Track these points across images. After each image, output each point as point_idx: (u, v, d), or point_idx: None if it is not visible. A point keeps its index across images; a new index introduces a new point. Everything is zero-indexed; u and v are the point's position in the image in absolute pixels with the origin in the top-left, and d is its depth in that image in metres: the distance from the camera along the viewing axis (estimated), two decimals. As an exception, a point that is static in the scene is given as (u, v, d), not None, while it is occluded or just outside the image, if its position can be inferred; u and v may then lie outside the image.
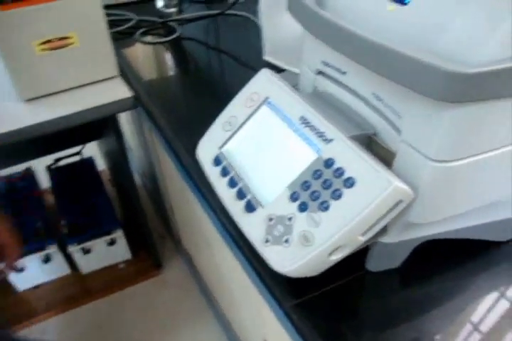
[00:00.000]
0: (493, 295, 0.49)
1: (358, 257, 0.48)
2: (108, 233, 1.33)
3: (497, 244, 0.54)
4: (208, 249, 0.97)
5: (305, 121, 0.44)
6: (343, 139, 0.41)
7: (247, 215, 0.46)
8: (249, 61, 0.91)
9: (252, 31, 0.98)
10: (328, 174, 0.41)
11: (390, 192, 0.37)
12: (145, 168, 1.41)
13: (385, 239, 0.46)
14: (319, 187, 0.41)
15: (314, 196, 0.41)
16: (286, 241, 0.42)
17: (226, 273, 0.90)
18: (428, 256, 0.52)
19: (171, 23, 1.05)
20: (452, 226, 0.49)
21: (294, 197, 0.43)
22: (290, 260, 0.41)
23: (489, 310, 0.48)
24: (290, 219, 0.42)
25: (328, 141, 0.42)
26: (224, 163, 0.50)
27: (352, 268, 0.50)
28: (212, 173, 0.51)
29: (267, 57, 0.86)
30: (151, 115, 0.81)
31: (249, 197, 0.46)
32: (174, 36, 0.99)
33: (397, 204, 0.39)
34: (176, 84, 0.89)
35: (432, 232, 0.48)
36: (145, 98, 0.82)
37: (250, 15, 1.05)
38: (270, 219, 0.43)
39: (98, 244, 1.33)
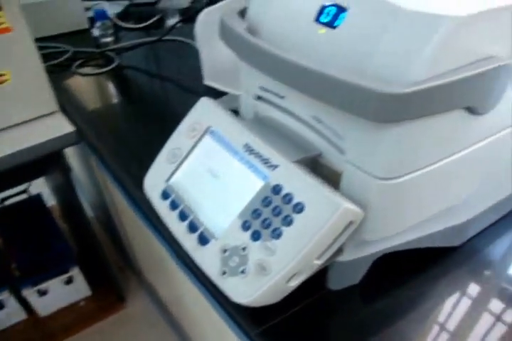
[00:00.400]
0: (456, 299, 0.50)
1: (318, 277, 0.48)
2: (64, 271, 1.27)
3: (453, 249, 0.55)
4: (170, 280, 0.95)
5: (249, 149, 0.44)
6: (288, 164, 0.41)
7: (201, 248, 0.45)
8: (192, 86, 0.91)
9: (192, 56, 0.98)
10: (277, 200, 0.41)
11: (340, 215, 0.37)
12: (96, 199, 1.37)
13: (342, 258, 0.46)
14: (270, 214, 0.41)
15: (266, 224, 0.41)
16: (243, 271, 0.41)
17: (190, 303, 0.88)
18: (389, 268, 0.52)
19: (109, 53, 1.03)
20: (406, 237, 0.49)
21: (246, 226, 0.42)
22: (248, 290, 0.40)
23: (455, 313, 0.49)
24: (244, 249, 0.41)
25: (273, 167, 0.42)
26: (172, 197, 0.49)
27: (313, 288, 0.50)
28: (162, 207, 0.50)
29: (207, 82, 0.86)
30: (96, 149, 0.79)
31: (201, 229, 0.45)
32: (113, 66, 0.98)
33: (348, 225, 0.39)
34: (119, 116, 0.88)
35: (388, 246, 0.49)
36: (88, 132, 0.80)
37: (188, 40, 1.05)
38: (224, 251, 0.43)
39: (54, 284, 1.27)
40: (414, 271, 0.53)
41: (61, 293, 1.31)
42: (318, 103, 0.37)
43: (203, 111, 0.50)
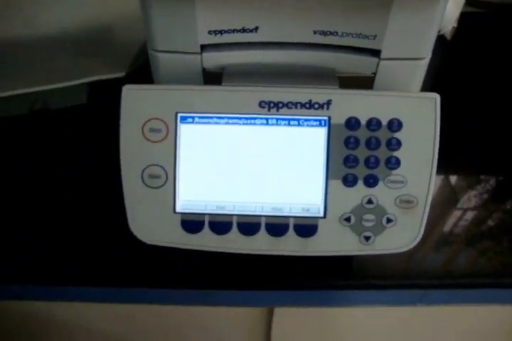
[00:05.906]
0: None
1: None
2: None
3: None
4: None
5: (270, 104, 0.34)
6: (339, 92, 0.34)
7: (308, 242, 0.35)
8: None
9: None
10: (362, 133, 0.34)
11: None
12: None
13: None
14: (366, 150, 0.34)
15: (372, 162, 0.34)
16: (389, 220, 0.34)
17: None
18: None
19: None
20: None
21: (349, 180, 0.34)
22: (411, 231, 0.35)
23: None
24: (370, 200, 0.34)
25: (324, 105, 0.34)
26: (206, 220, 0.35)
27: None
28: (204, 241, 0.35)
29: None
30: None
31: (291, 223, 0.35)
32: None
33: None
34: None
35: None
36: None
37: None
38: (348, 220, 0.34)
39: None
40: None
41: None
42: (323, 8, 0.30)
43: (143, 103, 0.34)
